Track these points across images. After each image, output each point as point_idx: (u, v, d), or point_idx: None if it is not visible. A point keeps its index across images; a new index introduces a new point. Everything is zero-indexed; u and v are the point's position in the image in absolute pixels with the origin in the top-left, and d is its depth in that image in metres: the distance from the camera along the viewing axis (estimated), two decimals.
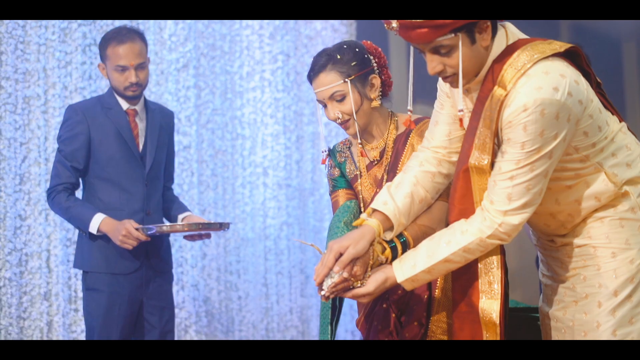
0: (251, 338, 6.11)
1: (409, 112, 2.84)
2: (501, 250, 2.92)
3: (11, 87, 4.88)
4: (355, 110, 3.18)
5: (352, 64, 3.19)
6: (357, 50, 3.23)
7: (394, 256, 2.90)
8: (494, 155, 2.74)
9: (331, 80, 3.16)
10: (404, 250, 2.92)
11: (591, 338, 2.89)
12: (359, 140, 3.29)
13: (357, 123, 3.20)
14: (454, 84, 2.78)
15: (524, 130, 2.62)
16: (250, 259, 6.16)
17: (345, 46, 3.24)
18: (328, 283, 2.78)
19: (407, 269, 2.81)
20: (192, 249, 5.77)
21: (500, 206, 2.72)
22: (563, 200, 2.88)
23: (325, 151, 3.24)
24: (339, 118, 3.19)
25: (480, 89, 2.76)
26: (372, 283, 2.80)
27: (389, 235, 2.94)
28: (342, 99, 3.17)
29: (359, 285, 2.80)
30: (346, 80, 3.15)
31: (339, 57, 3.19)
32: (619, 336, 2.84)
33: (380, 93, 3.26)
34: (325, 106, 3.24)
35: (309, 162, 6.44)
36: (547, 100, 2.59)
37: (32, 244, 4.87)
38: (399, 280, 2.81)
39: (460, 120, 2.65)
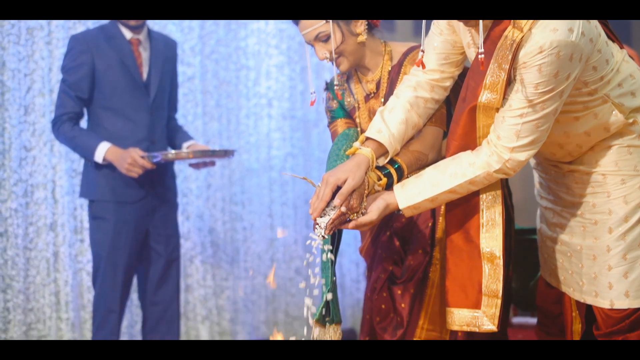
0: (256, 268, 6.14)
1: (421, 53, 2.80)
2: (502, 183, 2.93)
3: None
4: (340, 49, 3.17)
5: None
6: None
7: (389, 184, 2.89)
8: (504, 94, 2.73)
9: (313, 22, 3.15)
10: (399, 177, 2.91)
11: (601, 262, 2.91)
12: (353, 75, 3.31)
13: (347, 60, 3.20)
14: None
15: (538, 72, 2.61)
16: (255, 189, 6.16)
17: None
18: (325, 221, 2.75)
19: (409, 196, 2.80)
20: (197, 180, 5.76)
21: (508, 142, 2.71)
22: (572, 132, 2.88)
23: (314, 93, 3.22)
24: (327, 58, 3.19)
25: (491, 28, 2.73)
26: (374, 211, 2.79)
27: (381, 162, 2.93)
28: (327, 39, 3.18)
29: (355, 216, 2.78)
30: (328, 20, 3.13)
31: None
32: (629, 260, 2.87)
33: (367, 27, 3.24)
34: (314, 47, 3.24)
35: (314, 93, 6.40)
36: (563, 42, 2.57)
37: (38, 175, 4.86)
38: (401, 206, 2.81)
39: (481, 62, 2.63)
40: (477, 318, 2.88)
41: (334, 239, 2.78)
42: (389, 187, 2.88)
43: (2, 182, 4.67)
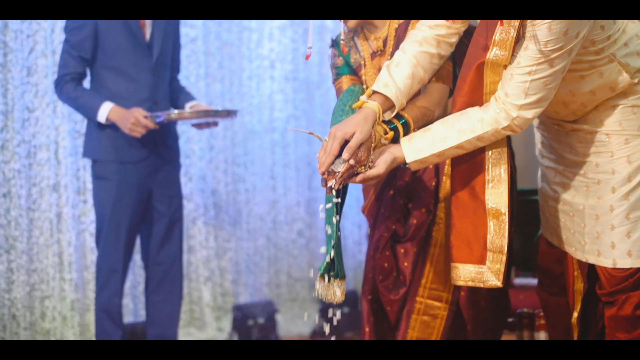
0: (258, 230, 6.15)
1: None
2: (507, 141, 2.93)
3: None
4: None
5: None
6: None
7: (395, 138, 2.89)
8: (513, 51, 2.72)
9: None
10: (405, 132, 2.91)
11: (604, 221, 2.92)
12: (360, 33, 3.29)
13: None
14: None
15: (548, 30, 2.60)
16: (257, 151, 6.16)
17: None
18: (337, 169, 2.74)
19: (417, 150, 2.80)
20: (200, 141, 5.76)
21: (516, 100, 2.71)
22: (577, 91, 2.88)
23: (311, 47, 3.19)
24: None
25: None
26: (382, 164, 2.78)
27: (387, 116, 2.92)
28: None
29: (363, 170, 2.77)
30: None
31: None
32: (632, 219, 2.88)
33: None
34: None
35: (316, 55, 6.39)
36: None
37: (41, 136, 4.86)
38: (408, 160, 2.80)
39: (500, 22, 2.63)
40: (482, 274, 2.90)
41: (339, 193, 2.77)
42: (395, 141, 2.88)
43: (5, 144, 4.68)
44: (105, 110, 4.10)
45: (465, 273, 2.93)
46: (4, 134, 4.66)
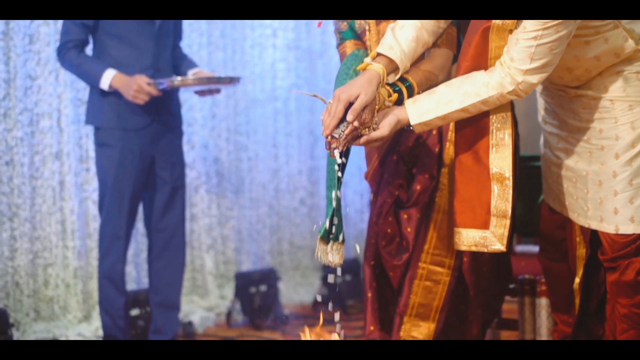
0: (261, 198, 6.17)
1: None
2: (511, 105, 2.93)
3: None
4: None
5: None
6: None
7: (399, 100, 2.89)
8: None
9: None
10: (409, 95, 2.90)
11: (607, 187, 2.93)
12: None
13: None
14: None
15: None
16: (260, 120, 6.16)
17: None
18: (339, 132, 2.74)
19: (421, 112, 2.79)
20: (202, 110, 5.76)
21: (521, 64, 2.71)
22: (582, 56, 2.88)
23: None
24: None
25: None
26: (386, 126, 2.78)
27: (391, 79, 2.91)
28: None
29: (367, 132, 2.77)
30: None
31: None
32: (635, 185, 2.88)
33: None
34: None
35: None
36: None
37: (43, 104, 4.85)
38: (412, 122, 2.80)
39: None
40: (485, 238, 2.91)
41: (342, 156, 2.77)
42: (398, 103, 2.87)
43: (8, 112, 4.67)
44: (108, 77, 4.10)
45: (468, 238, 2.94)
46: (6, 102, 4.65)
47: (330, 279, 2.86)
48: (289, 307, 5.90)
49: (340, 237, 2.80)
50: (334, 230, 2.79)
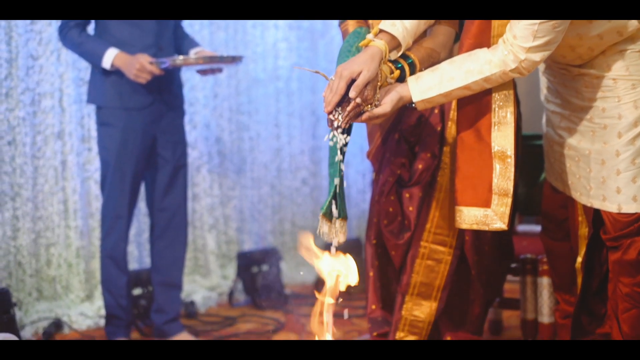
0: (263, 178, 6.17)
1: None
2: (514, 84, 2.92)
3: None
4: None
5: None
6: None
7: (401, 77, 2.88)
8: None
9: None
10: (411, 72, 2.89)
11: (609, 166, 2.92)
12: None
13: None
14: None
15: None
16: (262, 99, 6.15)
17: None
18: (340, 113, 2.73)
19: (424, 90, 2.79)
20: (204, 89, 5.75)
21: (524, 42, 2.70)
22: (585, 35, 2.87)
23: None
24: None
25: None
26: (388, 103, 2.77)
27: (393, 56, 2.91)
28: None
29: (369, 108, 2.76)
30: None
31: None
32: (638, 164, 2.88)
33: None
34: None
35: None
36: None
37: (45, 83, 4.85)
38: (415, 99, 2.79)
39: None
40: (487, 217, 2.91)
41: (344, 133, 2.77)
42: (401, 80, 2.86)
43: (10, 91, 4.67)
44: (110, 56, 4.09)
45: (469, 216, 2.94)
46: (8, 82, 4.65)
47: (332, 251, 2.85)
48: (290, 286, 5.91)
49: (343, 214, 2.80)
50: (336, 206, 2.78)
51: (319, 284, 5.80)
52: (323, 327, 2.67)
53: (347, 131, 2.78)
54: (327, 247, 3.07)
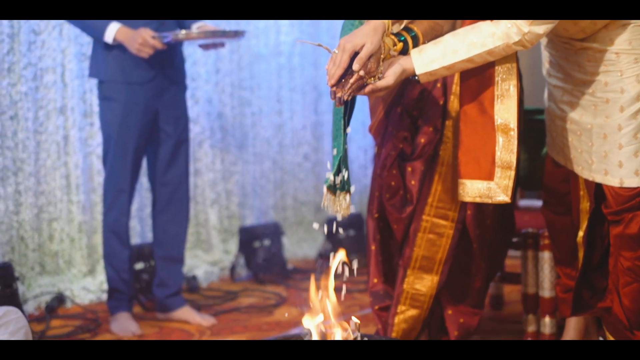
0: (265, 153, 6.17)
1: None
2: (517, 57, 2.92)
3: None
4: None
5: None
6: None
7: (404, 50, 2.87)
8: None
9: None
10: (414, 44, 2.89)
11: (611, 140, 2.92)
12: None
13: None
14: None
15: None
16: (264, 75, 6.15)
17: None
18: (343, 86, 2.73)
19: (427, 62, 2.78)
20: (206, 65, 5.75)
21: (527, 15, 2.69)
22: None
23: None
24: None
25: None
26: (391, 75, 2.77)
27: (395, 29, 2.90)
28: None
29: (372, 81, 2.76)
30: None
31: None
32: None
33: None
34: None
35: None
36: None
37: (47, 58, 4.85)
38: (418, 72, 2.79)
39: None
40: (489, 189, 2.91)
41: (347, 107, 2.77)
42: (404, 53, 2.85)
43: (12, 66, 4.67)
44: (113, 31, 4.08)
45: (472, 189, 2.95)
46: (10, 57, 4.65)
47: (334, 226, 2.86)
48: (292, 261, 5.93)
49: (347, 187, 2.80)
50: (341, 179, 2.79)
51: (321, 257, 5.83)
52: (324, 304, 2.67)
53: (351, 105, 2.78)
54: (329, 222, 3.09)
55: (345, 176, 2.78)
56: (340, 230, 5.88)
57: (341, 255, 2.69)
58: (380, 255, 3.50)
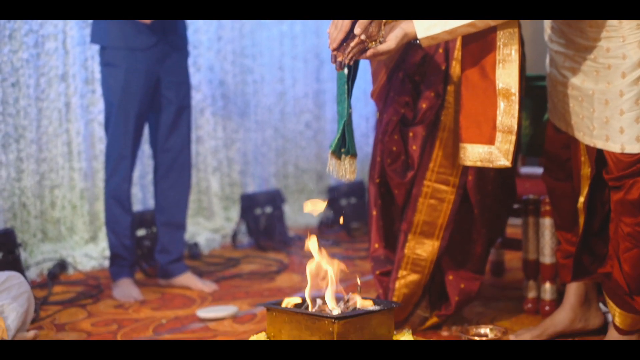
0: (266, 121, 6.17)
1: None
2: (518, 22, 2.92)
3: None
4: None
5: None
6: None
7: None
8: None
9: None
10: None
11: (613, 107, 2.92)
12: None
13: None
14: None
15: None
16: (266, 42, 6.14)
17: None
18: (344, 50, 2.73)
19: (428, 26, 2.78)
20: (208, 32, 5.73)
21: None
22: None
23: None
24: None
25: None
26: (393, 39, 2.77)
27: None
28: None
29: (374, 45, 2.76)
30: None
31: None
32: None
33: None
34: None
35: None
36: None
37: (48, 25, 4.84)
38: (419, 36, 2.79)
39: None
40: (490, 154, 2.92)
41: (350, 71, 2.77)
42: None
43: (13, 33, 4.66)
44: None
45: (473, 153, 2.95)
46: (11, 24, 4.65)
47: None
48: (293, 229, 5.94)
49: (352, 151, 2.80)
50: (345, 144, 2.79)
51: (323, 226, 5.85)
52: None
53: (354, 69, 2.78)
54: (331, 190, 3.09)
55: (350, 140, 2.78)
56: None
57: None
58: (382, 221, 3.51)
